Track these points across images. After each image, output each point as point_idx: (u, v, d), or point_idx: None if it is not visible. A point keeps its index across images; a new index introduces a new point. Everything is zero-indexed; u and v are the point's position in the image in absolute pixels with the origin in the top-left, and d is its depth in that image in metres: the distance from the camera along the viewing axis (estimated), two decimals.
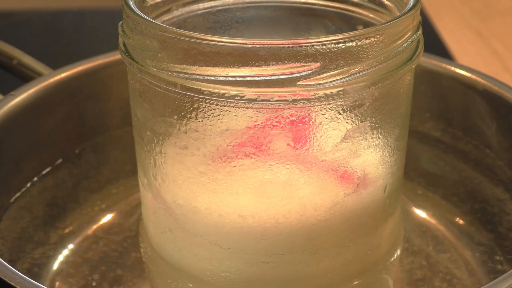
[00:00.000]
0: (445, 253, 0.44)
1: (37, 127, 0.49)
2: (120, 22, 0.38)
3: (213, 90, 0.34)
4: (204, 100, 0.35)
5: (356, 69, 0.34)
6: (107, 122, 0.52)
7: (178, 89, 0.35)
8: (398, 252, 0.43)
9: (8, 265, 0.36)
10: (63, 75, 0.50)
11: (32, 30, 0.81)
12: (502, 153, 0.48)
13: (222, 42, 0.34)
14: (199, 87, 0.35)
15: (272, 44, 0.33)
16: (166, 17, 0.42)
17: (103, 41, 0.75)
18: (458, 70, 0.50)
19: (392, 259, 0.42)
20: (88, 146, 0.52)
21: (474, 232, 0.45)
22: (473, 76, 0.50)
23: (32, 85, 0.49)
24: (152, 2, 0.41)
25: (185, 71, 0.35)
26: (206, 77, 0.34)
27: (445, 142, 0.51)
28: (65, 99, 0.50)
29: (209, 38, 0.34)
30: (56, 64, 0.52)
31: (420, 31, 0.38)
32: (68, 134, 0.51)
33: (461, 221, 0.46)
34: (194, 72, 0.34)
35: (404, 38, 0.36)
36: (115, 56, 0.52)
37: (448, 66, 0.50)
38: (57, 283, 0.42)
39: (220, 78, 0.34)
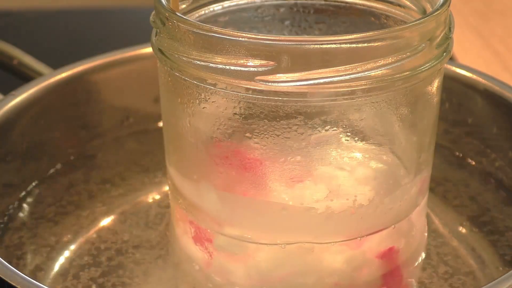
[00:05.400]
0: (446, 256, 0.44)
1: (37, 127, 0.49)
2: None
3: None
4: None
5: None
6: (107, 122, 0.52)
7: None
8: (423, 255, 0.43)
9: (10, 266, 0.36)
10: (63, 75, 0.50)
11: (32, 30, 0.81)
12: (503, 153, 0.48)
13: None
14: None
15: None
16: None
17: (103, 41, 0.75)
18: (458, 70, 0.50)
19: (416, 263, 0.43)
20: (89, 146, 0.52)
21: (475, 233, 0.45)
22: (474, 76, 0.50)
23: (32, 85, 0.49)
24: None
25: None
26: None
27: (445, 143, 0.51)
28: (65, 99, 0.50)
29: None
30: (56, 64, 0.52)
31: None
32: (68, 134, 0.51)
33: (462, 222, 0.46)
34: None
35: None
36: (116, 56, 0.52)
37: (448, 66, 0.50)
38: (57, 285, 0.42)
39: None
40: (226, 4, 0.43)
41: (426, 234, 0.44)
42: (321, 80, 0.34)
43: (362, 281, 0.40)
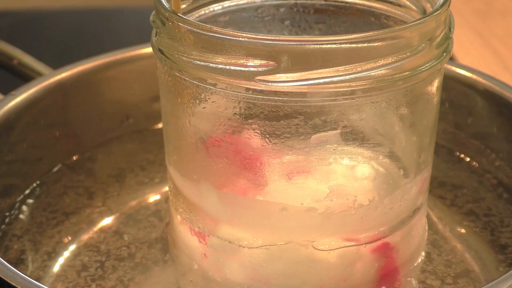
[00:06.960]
0: (446, 256, 0.44)
1: (37, 127, 0.49)
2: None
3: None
4: None
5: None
6: (107, 122, 0.52)
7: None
8: (423, 255, 0.43)
9: (10, 266, 0.36)
10: (63, 75, 0.50)
11: (32, 30, 0.81)
12: (503, 153, 0.48)
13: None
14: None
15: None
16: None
17: (103, 41, 0.75)
18: (458, 70, 0.50)
19: (416, 263, 0.43)
20: (89, 146, 0.52)
21: (475, 233, 0.45)
22: (474, 76, 0.50)
23: (32, 85, 0.49)
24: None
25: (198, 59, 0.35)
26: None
27: (445, 143, 0.51)
28: (65, 99, 0.50)
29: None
30: (56, 64, 0.52)
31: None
32: (68, 134, 0.51)
33: (462, 222, 0.46)
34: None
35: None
36: (116, 56, 0.52)
37: (448, 66, 0.50)
38: (57, 285, 0.42)
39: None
40: (226, 4, 0.43)
41: (426, 234, 0.44)
42: (321, 80, 0.34)
43: (357, 276, 0.40)
